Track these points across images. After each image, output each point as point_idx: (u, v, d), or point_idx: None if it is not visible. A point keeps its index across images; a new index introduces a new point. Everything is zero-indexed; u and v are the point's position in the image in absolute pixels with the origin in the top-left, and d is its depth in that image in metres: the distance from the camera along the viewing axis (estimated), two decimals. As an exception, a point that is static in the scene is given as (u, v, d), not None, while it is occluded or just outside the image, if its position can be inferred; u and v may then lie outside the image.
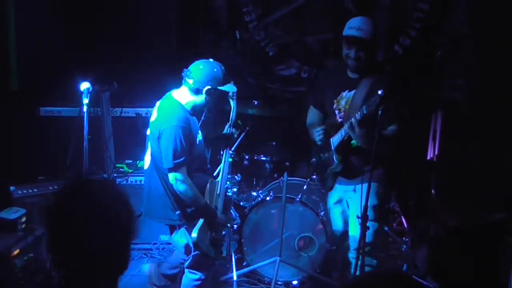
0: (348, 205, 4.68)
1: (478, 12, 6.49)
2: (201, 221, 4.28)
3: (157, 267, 5.08)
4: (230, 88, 4.36)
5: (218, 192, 4.43)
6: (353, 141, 4.35)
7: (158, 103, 4.42)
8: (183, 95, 4.30)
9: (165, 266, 4.99)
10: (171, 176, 4.19)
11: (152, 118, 4.37)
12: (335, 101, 4.45)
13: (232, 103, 4.67)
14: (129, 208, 2.03)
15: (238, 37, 6.92)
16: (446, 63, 6.67)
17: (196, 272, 4.52)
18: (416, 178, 6.17)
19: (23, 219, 5.02)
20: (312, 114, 4.85)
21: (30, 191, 5.48)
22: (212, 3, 7.11)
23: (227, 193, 4.63)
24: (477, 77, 6.49)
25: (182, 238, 4.42)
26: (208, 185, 4.37)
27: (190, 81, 4.22)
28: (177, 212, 4.33)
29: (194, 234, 4.22)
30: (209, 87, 4.22)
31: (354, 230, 4.48)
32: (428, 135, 6.07)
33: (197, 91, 4.24)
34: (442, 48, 6.62)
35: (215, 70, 4.27)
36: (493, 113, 6.15)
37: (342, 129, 4.32)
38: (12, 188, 5.40)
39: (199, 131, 4.43)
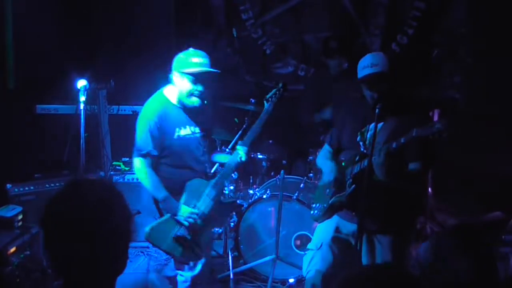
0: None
1: (476, 10, 6.50)
2: (166, 215, 4.16)
3: (158, 275, 5.05)
4: (195, 66, 4.10)
5: (207, 193, 4.21)
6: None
7: None
8: (171, 90, 4.27)
9: (167, 268, 4.94)
10: (133, 163, 4.23)
11: None
12: (359, 132, 3.94)
13: (266, 105, 4.50)
14: (126, 208, 2.02)
15: (235, 35, 6.92)
16: (444, 62, 6.69)
17: (182, 273, 4.43)
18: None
19: (20, 217, 5.01)
20: (325, 151, 4.32)
21: (26, 188, 5.47)
22: (210, 2, 7.12)
23: (224, 199, 4.44)
24: (474, 76, 6.51)
25: None
26: (189, 182, 4.22)
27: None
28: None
29: (147, 228, 4.08)
30: (174, 72, 4.16)
31: None
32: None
33: (171, 81, 4.21)
34: (439, 47, 6.64)
35: (180, 55, 4.18)
36: (490, 112, 6.16)
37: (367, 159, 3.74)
38: (8, 185, 5.39)
39: (187, 127, 4.28)
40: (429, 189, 5.97)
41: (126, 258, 2.03)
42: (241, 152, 4.31)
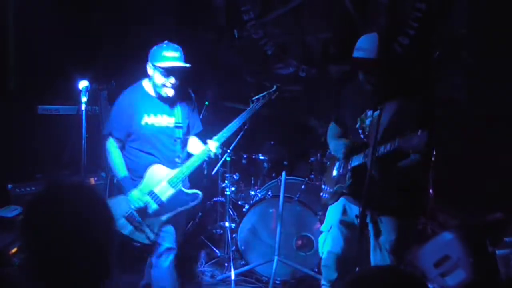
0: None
1: (477, 11, 6.49)
2: (122, 195, 4.37)
3: None
4: (165, 59, 4.27)
5: (168, 180, 4.33)
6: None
7: None
8: (148, 81, 4.46)
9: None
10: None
11: None
12: (359, 119, 4.02)
13: (252, 105, 4.56)
14: (107, 213, 2.00)
15: (236, 36, 6.91)
16: (445, 63, 6.68)
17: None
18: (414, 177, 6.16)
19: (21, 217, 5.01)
20: (333, 129, 4.43)
21: (28, 189, 5.47)
22: (211, 2, 7.12)
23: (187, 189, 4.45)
24: (475, 77, 6.50)
25: None
26: (150, 168, 4.35)
27: None
28: None
29: None
30: (149, 63, 4.35)
31: (378, 260, 4.08)
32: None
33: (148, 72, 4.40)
34: (440, 48, 6.63)
35: (154, 48, 4.37)
36: (491, 113, 6.15)
37: (365, 152, 3.92)
38: (10, 186, 5.39)
39: (158, 115, 4.40)
40: (430, 190, 5.96)
41: (109, 262, 1.99)
42: (212, 146, 4.39)
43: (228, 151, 5.73)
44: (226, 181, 5.87)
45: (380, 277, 1.72)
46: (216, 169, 5.86)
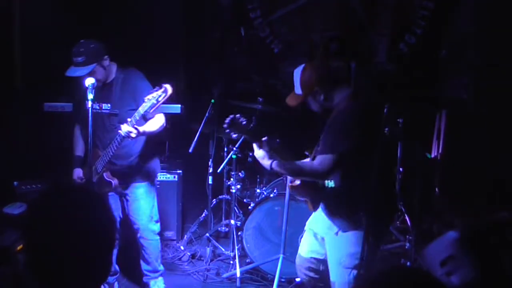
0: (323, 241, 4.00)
1: (484, 10, 6.47)
2: None
3: None
4: (70, 64, 4.57)
5: (96, 164, 4.67)
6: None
7: None
8: None
9: None
10: None
11: None
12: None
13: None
14: (109, 215, 2.00)
15: (242, 34, 6.91)
16: (451, 62, 6.66)
17: None
18: (420, 177, 6.16)
19: (27, 214, 5.02)
20: None
21: (33, 186, 5.48)
22: (218, 0, 7.12)
23: (107, 178, 4.72)
24: (482, 76, 6.48)
25: None
26: (92, 149, 4.57)
27: None
28: None
29: None
30: None
31: (335, 276, 3.80)
32: (432, 134, 6.06)
33: None
34: (447, 47, 6.61)
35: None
36: (497, 112, 6.13)
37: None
38: (15, 183, 5.40)
39: (95, 102, 4.55)
40: (436, 189, 5.96)
41: (107, 265, 2.01)
42: (125, 128, 4.37)
43: (234, 149, 5.73)
44: (231, 179, 5.88)
45: (397, 278, 1.70)
46: (221, 167, 5.86)
